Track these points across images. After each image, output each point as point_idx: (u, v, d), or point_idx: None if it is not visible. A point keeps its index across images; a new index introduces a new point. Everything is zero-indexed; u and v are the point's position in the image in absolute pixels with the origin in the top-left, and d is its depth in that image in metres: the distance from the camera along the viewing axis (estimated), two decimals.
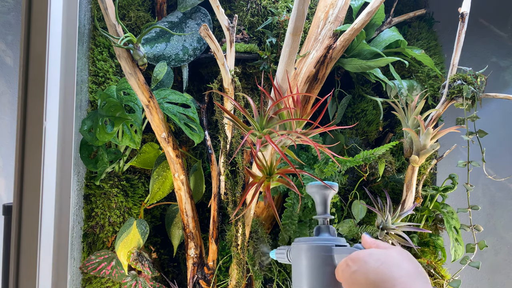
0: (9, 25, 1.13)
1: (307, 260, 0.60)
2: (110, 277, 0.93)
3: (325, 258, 0.59)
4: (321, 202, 0.66)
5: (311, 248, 0.60)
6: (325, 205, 0.66)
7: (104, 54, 1.01)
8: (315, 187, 0.66)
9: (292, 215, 0.98)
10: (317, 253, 0.59)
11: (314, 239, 0.62)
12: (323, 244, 0.60)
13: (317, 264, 0.59)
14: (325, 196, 0.66)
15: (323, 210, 0.66)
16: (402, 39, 1.04)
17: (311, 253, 0.60)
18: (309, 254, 0.60)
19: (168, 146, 0.91)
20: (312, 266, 0.59)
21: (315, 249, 0.60)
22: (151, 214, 1.06)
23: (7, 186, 1.13)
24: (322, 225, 0.65)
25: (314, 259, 0.59)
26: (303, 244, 0.61)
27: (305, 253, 0.60)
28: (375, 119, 1.12)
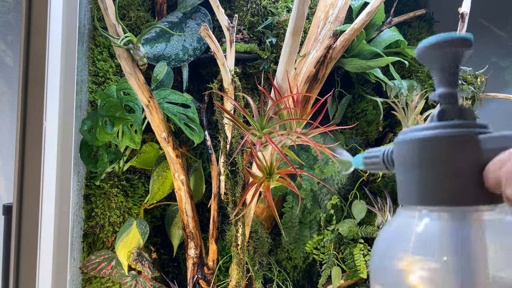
0: (9, 25, 1.13)
1: (432, 159, 0.37)
2: (110, 277, 0.93)
3: (465, 153, 0.36)
4: (447, 66, 0.40)
5: (440, 140, 0.37)
6: (454, 72, 0.39)
7: (104, 54, 1.01)
8: (436, 45, 0.38)
9: (291, 219, 0.98)
10: (451, 148, 0.37)
11: (439, 126, 0.38)
12: (459, 132, 0.37)
13: (451, 165, 0.36)
14: (456, 57, 0.39)
15: (450, 80, 0.40)
16: (402, 39, 1.04)
17: (440, 148, 0.37)
18: (436, 151, 0.37)
19: (168, 146, 0.91)
20: (441, 169, 0.36)
21: (446, 142, 0.37)
22: (151, 214, 1.06)
23: (7, 186, 1.13)
24: (446, 106, 0.39)
25: (446, 157, 0.37)
26: (420, 137, 0.38)
27: (428, 150, 0.38)
28: (375, 119, 1.12)
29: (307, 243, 0.97)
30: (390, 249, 0.36)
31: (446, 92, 0.38)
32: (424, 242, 0.34)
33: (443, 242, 0.33)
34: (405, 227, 0.36)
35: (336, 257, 0.96)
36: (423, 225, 0.35)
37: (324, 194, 0.99)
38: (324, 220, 0.98)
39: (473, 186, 0.33)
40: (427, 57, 0.39)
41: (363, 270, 0.91)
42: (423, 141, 0.36)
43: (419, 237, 0.34)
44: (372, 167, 0.45)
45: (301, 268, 1.06)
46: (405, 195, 0.37)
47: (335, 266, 0.95)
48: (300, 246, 0.99)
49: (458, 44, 0.37)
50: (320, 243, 0.96)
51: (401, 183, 0.38)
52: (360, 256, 0.92)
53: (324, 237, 0.95)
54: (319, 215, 0.98)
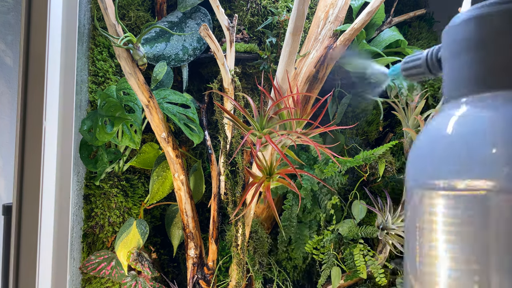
0: (9, 25, 1.13)
1: (498, 35, 0.29)
2: (110, 277, 0.93)
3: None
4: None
5: (499, 16, 0.29)
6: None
7: (104, 54, 1.01)
8: None
9: (290, 217, 0.98)
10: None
11: (493, 2, 0.30)
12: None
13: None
14: None
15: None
16: (403, 39, 1.04)
17: (500, 24, 0.29)
18: (503, 26, 0.29)
19: (168, 146, 0.90)
20: (501, 48, 0.29)
21: (507, 16, 0.29)
22: (151, 214, 1.06)
23: (7, 186, 1.12)
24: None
25: (506, 34, 0.29)
26: (479, 14, 0.30)
27: (490, 26, 0.30)
28: (375, 119, 1.12)
29: (307, 243, 0.97)
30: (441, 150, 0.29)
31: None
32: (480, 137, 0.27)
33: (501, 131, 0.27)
34: (454, 122, 0.29)
35: (336, 257, 0.96)
36: (477, 115, 0.29)
37: (324, 194, 0.98)
38: (324, 220, 0.98)
39: None
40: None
41: (363, 270, 0.91)
42: (479, 19, 0.30)
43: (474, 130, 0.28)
44: (413, 73, 0.40)
45: (301, 268, 1.06)
46: (454, 87, 0.32)
47: (335, 266, 0.95)
48: (300, 246, 0.99)
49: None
50: (320, 243, 0.95)
51: (449, 74, 0.33)
52: (360, 257, 0.92)
53: (324, 237, 0.95)
54: (319, 215, 0.98)
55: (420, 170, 0.31)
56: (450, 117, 0.30)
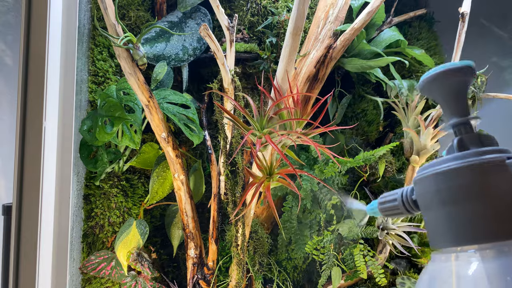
0: (9, 25, 1.13)
1: (464, 192, 0.32)
2: (109, 277, 0.93)
3: (499, 180, 0.31)
4: (453, 97, 0.37)
5: (467, 170, 0.32)
6: (462, 100, 0.36)
7: (104, 54, 1.01)
8: (436, 77, 0.35)
9: (290, 218, 0.98)
10: (482, 177, 0.31)
11: (461, 156, 0.33)
12: (487, 159, 0.32)
13: (486, 196, 0.31)
14: (460, 86, 0.36)
15: (460, 109, 0.36)
16: (403, 39, 1.04)
17: (470, 179, 0.32)
18: (467, 182, 0.32)
19: (168, 146, 0.90)
20: (477, 202, 0.31)
21: (475, 171, 0.31)
22: (150, 214, 1.06)
23: (7, 186, 1.12)
24: (464, 136, 0.35)
25: (479, 187, 0.31)
26: (444, 170, 0.33)
27: (456, 183, 0.32)
28: (376, 119, 1.12)
29: (307, 243, 0.97)
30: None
31: (460, 122, 0.35)
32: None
33: (492, 284, 0.29)
34: (445, 275, 0.32)
35: (336, 258, 0.96)
36: (467, 268, 0.31)
37: (324, 194, 0.98)
38: (324, 220, 0.98)
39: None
40: (431, 91, 0.37)
41: (363, 270, 0.91)
42: (446, 174, 0.32)
43: (461, 283, 0.30)
44: (390, 213, 0.41)
45: (301, 268, 1.06)
46: (437, 238, 0.33)
47: (335, 266, 0.95)
48: (300, 246, 0.99)
49: (460, 72, 0.35)
50: (320, 244, 0.95)
51: (431, 224, 0.35)
52: (360, 257, 0.92)
53: (324, 238, 0.95)
54: (319, 215, 0.98)
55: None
56: (442, 269, 0.33)
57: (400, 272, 1.03)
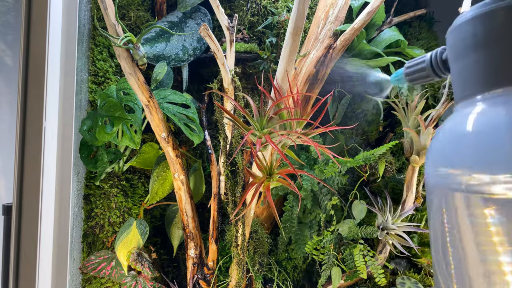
0: (9, 25, 1.13)
1: (504, 31, 0.29)
2: (109, 277, 0.93)
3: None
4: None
5: (501, 11, 0.30)
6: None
7: (104, 54, 1.01)
8: None
9: (291, 218, 0.98)
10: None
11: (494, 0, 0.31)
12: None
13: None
14: None
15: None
16: (403, 39, 1.04)
17: (504, 18, 0.29)
18: (499, 22, 0.30)
19: (168, 146, 0.90)
20: (507, 45, 0.29)
21: (509, 12, 0.29)
22: (151, 214, 1.06)
23: (7, 186, 1.12)
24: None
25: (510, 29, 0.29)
26: (483, 11, 0.31)
27: (495, 23, 0.30)
28: (376, 119, 1.12)
29: (307, 243, 0.97)
30: (457, 151, 0.29)
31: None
32: (497, 134, 0.27)
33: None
34: (471, 117, 0.29)
35: (336, 258, 0.96)
36: (491, 113, 0.29)
37: (324, 194, 0.98)
38: (324, 221, 0.98)
39: None
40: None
41: (363, 270, 0.91)
42: (484, 16, 0.31)
43: (489, 130, 0.28)
44: (417, 77, 0.39)
45: (301, 268, 1.06)
46: (465, 86, 0.31)
47: (335, 266, 0.95)
48: (300, 246, 0.99)
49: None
50: (320, 244, 0.95)
51: (458, 75, 0.33)
52: (360, 257, 0.92)
53: (324, 238, 0.95)
54: (319, 215, 0.98)
55: (446, 167, 0.30)
56: (468, 115, 0.30)
57: (400, 272, 1.03)
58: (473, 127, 0.29)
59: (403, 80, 0.43)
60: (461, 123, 0.30)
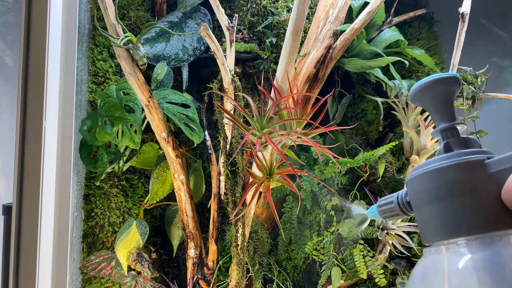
0: (9, 25, 1.13)
1: (447, 189, 0.35)
2: (109, 277, 0.93)
3: (477, 178, 0.34)
4: (441, 104, 0.40)
5: (450, 170, 0.35)
6: (448, 108, 0.40)
7: (104, 54, 1.01)
8: (425, 86, 0.39)
9: (291, 219, 0.98)
10: (462, 175, 0.34)
11: (446, 157, 0.36)
12: (466, 159, 0.35)
13: (467, 192, 0.34)
14: (447, 94, 0.40)
15: (447, 115, 0.40)
16: (403, 39, 1.04)
17: (453, 177, 0.35)
18: (449, 181, 0.35)
19: (168, 146, 0.90)
20: (459, 198, 0.34)
21: (457, 170, 0.35)
22: (150, 214, 1.06)
23: (7, 186, 1.12)
24: (451, 139, 0.38)
25: (460, 185, 0.34)
26: (430, 169, 0.36)
27: (441, 181, 0.35)
28: (376, 119, 1.12)
29: (307, 244, 0.97)
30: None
31: (447, 127, 0.39)
32: (458, 277, 0.33)
33: (478, 274, 0.32)
34: (436, 267, 0.35)
35: (336, 258, 0.96)
36: (453, 259, 0.34)
37: (324, 195, 0.98)
38: (324, 221, 0.98)
39: (496, 210, 0.32)
40: (421, 99, 0.41)
41: (363, 271, 0.91)
42: (433, 173, 0.36)
43: (451, 273, 0.33)
44: (388, 215, 0.45)
45: (301, 268, 1.06)
46: (428, 233, 0.37)
47: (335, 266, 0.95)
48: (300, 246, 0.99)
49: (447, 82, 0.39)
50: (319, 244, 0.96)
51: (421, 222, 0.38)
52: (360, 257, 0.92)
53: (324, 238, 0.95)
54: (319, 215, 0.98)
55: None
56: (433, 262, 0.36)
57: (400, 272, 1.03)
58: (434, 272, 0.35)
59: (377, 215, 0.47)
60: (427, 268, 0.36)
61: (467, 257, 0.32)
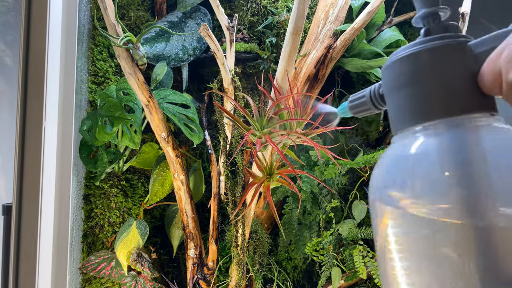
0: (9, 25, 1.13)
1: (422, 73, 0.33)
2: (109, 277, 0.93)
3: (455, 60, 0.32)
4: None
5: (427, 52, 0.33)
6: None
7: (104, 54, 1.01)
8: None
9: (291, 220, 0.98)
10: (440, 57, 0.33)
11: (424, 41, 0.34)
12: (447, 42, 0.33)
13: (442, 75, 0.32)
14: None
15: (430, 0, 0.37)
16: (403, 39, 1.04)
17: (429, 60, 0.33)
18: (425, 64, 0.33)
19: (167, 146, 0.90)
20: (433, 81, 0.32)
21: (435, 52, 0.33)
22: (150, 214, 1.05)
23: (6, 186, 1.12)
24: (432, 25, 0.36)
25: (436, 68, 0.32)
26: (407, 53, 0.34)
27: (416, 65, 0.34)
28: (375, 119, 1.12)
29: (307, 244, 0.97)
30: (389, 176, 0.33)
31: (427, 12, 0.36)
32: (423, 161, 0.31)
33: (443, 156, 0.31)
34: (402, 151, 0.33)
35: (335, 259, 0.96)
36: (419, 144, 0.32)
37: (324, 195, 0.98)
38: (324, 221, 0.98)
39: (469, 93, 0.31)
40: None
41: (363, 271, 0.91)
42: (410, 57, 0.34)
43: (416, 158, 0.32)
44: (359, 110, 0.43)
45: (301, 268, 1.06)
46: (397, 120, 0.35)
47: (334, 266, 0.95)
48: (300, 247, 0.99)
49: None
50: (319, 245, 0.95)
51: (392, 110, 0.36)
52: (359, 258, 0.92)
53: (323, 239, 0.95)
54: (319, 216, 0.98)
55: (380, 186, 0.34)
56: (402, 146, 0.34)
57: None
58: (404, 156, 0.33)
59: (348, 111, 0.46)
60: (397, 152, 0.34)
61: (431, 140, 0.32)
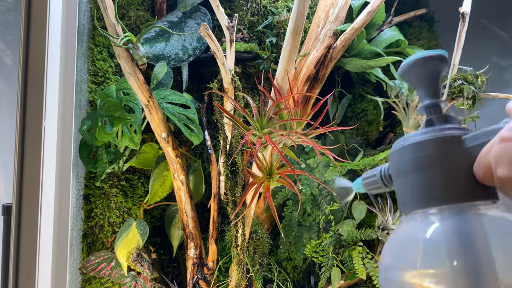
0: (9, 25, 1.13)
1: (424, 162, 0.37)
2: (109, 277, 0.93)
3: (452, 152, 0.36)
4: (427, 81, 0.42)
5: (428, 143, 0.37)
6: (434, 85, 0.41)
7: (104, 54, 1.01)
8: (414, 64, 0.41)
9: (291, 222, 0.98)
10: (439, 149, 0.37)
11: (426, 132, 0.38)
12: (444, 134, 0.37)
13: (442, 165, 0.36)
14: (434, 72, 0.41)
15: (433, 92, 0.41)
16: (403, 39, 1.04)
17: (429, 150, 0.37)
18: (426, 154, 0.37)
19: (167, 146, 0.90)
20: (434, 170, 0.36)
21: (434, 144, 0.37)
22: (150, 214, 1.05)
23: (6, 186, 1.12)
24: (433, 116, 0.40)
25: (436, 158, 0.36)
26: (410, 143, 0.38)
27: (419, 154, 0.37)
28: (376, 119, 1.12)
29: (307, 246, 0.97)
30: (399, 255, 0.37)
31: (430, 104, 0.41)
32: (428, 244, 0.35)
33: (447, 241, 0.34)
34: (410, 234, 0.38)
35: (335, 259, 0.96)
36: (425, 228, 0.36)
37: (323, 196, 0.98)
38: (324, 222, 0.98)
39: (468, 183, 0.35)
40: (409, 75, 0.43)
41: (362, 272, 0.91)
42: (413, 146, 0.38)
43: (422, 240, 0.35)
44: (371, 187, 0.47)
45: (301, 268, 1.06)
46: (405, 203, 0.39)
47: (334, 267, 0.95)
48: (300, 248, 0.99)
49: (434, 60, 0.41)
50: (319, 247, 0.95)
51: (400, 192, 0.40)
52: (358, 259, 0.92)
53: (323, 241, 0.95)
54: (319, 217, 0.98)
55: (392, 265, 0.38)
56: (408, 229, 0.38)
57: None
58: (408, 238, 0.37)
59: (362, 188, 0.50)
60: (404, 234, 0.38)
61: (436, 225, 0.35)
